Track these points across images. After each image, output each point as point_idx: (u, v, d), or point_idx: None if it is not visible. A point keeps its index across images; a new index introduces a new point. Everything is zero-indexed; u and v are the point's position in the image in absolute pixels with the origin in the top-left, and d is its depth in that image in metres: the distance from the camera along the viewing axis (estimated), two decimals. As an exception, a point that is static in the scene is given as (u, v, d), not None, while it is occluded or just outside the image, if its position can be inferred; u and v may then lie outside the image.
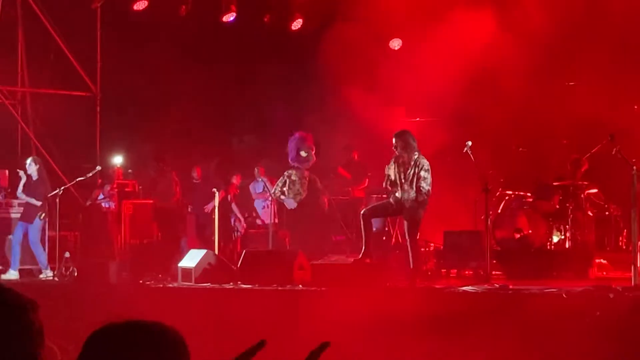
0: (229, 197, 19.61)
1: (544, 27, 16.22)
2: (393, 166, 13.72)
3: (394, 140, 13.74)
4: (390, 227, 16.95)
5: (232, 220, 19.74)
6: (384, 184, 13.94)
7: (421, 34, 17.44)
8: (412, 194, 13.53)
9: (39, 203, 17.22)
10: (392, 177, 13.70)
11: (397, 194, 13.70)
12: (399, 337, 11.20)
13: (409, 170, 13.57)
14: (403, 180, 13.61)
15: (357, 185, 18.61)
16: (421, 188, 13.49)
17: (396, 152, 13.72)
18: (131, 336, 2.79)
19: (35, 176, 17.37)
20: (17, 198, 17.78)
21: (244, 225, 19.85)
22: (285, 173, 17.07)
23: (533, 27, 16.24)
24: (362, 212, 14.24)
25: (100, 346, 2.80)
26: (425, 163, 13.57)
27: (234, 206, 19.73)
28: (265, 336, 2.93)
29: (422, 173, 13.51)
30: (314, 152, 17.05)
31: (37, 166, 17.49)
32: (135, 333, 2.80)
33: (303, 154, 16.84)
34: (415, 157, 13.61)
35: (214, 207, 17.83)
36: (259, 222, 19.95)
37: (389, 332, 11.30)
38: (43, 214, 17.24)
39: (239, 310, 12.85)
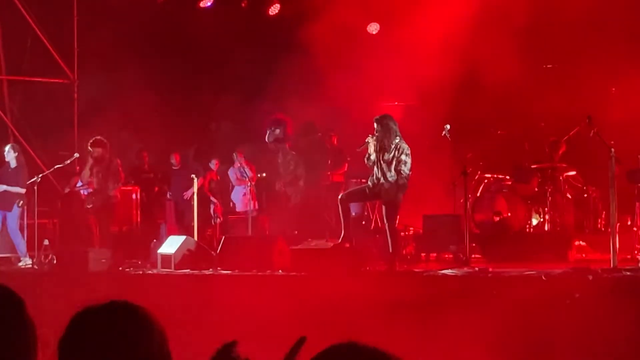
0: (205, 185, 19.57)
1: (522, 10, 16.23)
2: (374, 145, 13.68)
3: (374, 124, 13.74)
4: (370, 211, 16.96)
5: (212, 208, 19.71)
6: (365, 159, 13.88)
7: (399, 19, 17.43)
8: (391, 177, 13.52)
9: (23, 190, 17.14)
10: (373, 158, 13.67)
11: (376, 174, 13.68)
12: (378, 321, 11.21)
13: (389, 154, 13.56)
14: (382, 163, 13.60)
15: (337, 169, 18.56)
16: (402, 172, 13.48)
17: (377, 135, 13.71)
18: (113, 316, 2.79)
19: (14, 164, 17.28)
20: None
21: (219, 210, 19.83)
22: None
23: (510, 11, 16.24)
24: (340, 196, 14.26)
25: (82, 326, 2.79)
26: (405, 147, 13.55)
27: (212, 198, 19.72)
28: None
29: (403, 157, 13.49)
30: (277, 129, 17.01)
31: (16, 153, 17.40)
32: (117, 313, 2.80)
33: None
34: (397, 141, 13.59)
35: (193, 193, 17.78)
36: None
37: (368, 316, 11.32)
38: (21, 202, 17.15)
39: (219, 296, 12.84)
